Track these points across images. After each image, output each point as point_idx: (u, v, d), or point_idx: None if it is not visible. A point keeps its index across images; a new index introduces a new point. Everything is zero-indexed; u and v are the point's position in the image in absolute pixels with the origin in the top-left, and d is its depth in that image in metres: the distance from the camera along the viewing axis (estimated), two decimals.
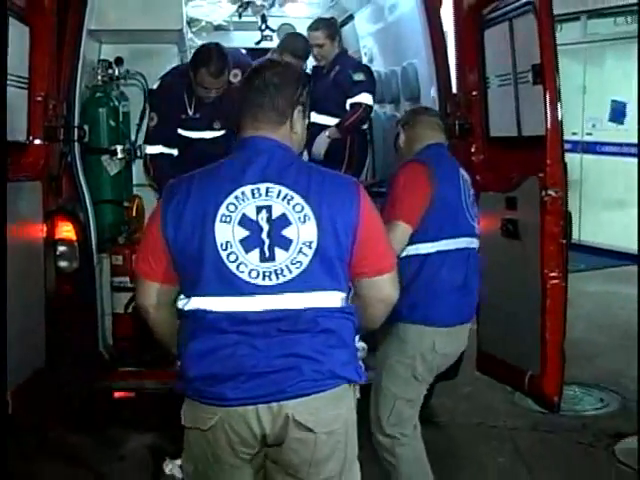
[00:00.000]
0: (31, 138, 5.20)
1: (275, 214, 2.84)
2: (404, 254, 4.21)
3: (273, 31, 8.09)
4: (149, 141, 6.18)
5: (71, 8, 5.47)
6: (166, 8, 6.28)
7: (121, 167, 6.24)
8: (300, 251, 2.83)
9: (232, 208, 2.84)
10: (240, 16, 8.24)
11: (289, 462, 2.89)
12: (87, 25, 5.63)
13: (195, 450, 2.96)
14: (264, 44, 8.08)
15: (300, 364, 2.83)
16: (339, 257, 2.89)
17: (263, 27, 8.12)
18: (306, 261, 2.84)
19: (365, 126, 7.11)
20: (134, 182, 6.57)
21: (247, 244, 2.83)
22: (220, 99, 6.00)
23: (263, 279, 2.82)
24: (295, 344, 2.84)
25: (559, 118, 4.60)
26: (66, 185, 5.44)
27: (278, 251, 2.83)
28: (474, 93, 5.63)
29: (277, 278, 2.83)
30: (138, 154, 6.37)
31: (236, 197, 2.85)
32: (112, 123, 6.21)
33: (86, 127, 5.71)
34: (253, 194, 2.85)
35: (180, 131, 6.21)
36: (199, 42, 8.11)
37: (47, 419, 5.53)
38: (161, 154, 6.14)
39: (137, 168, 6.49)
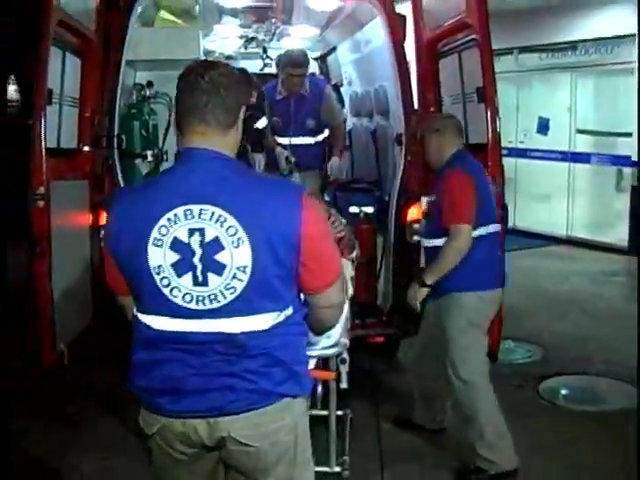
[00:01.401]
0: (81, 145, 5.21)
1: (208, 237, 2.25)
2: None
3: (272, 60, 8.07)
4: None
5: (112, 45, 5.45)
6: (186, 42, 6.28)
7: (151, 168, 6.23)
8: (234, 277, 2.26)
9: (164, 231, 2.26)
10: (246, 48, 8.25)
11: (237, 467, 2.46)
12: (125, 57, 5.60)
13: (151, 447, 2.51)
14: (266, 70, 8.07)
15: (235, 384, 2.32)
16: (280, 275, 2.31)
17: (264, 57, 8.11)
18: (240, 286, 2.27)
19: None
20: None
21: (179, 268, 2.27)
22: None
23: (197, 303, 2.29)
24: (230, 365, 2.31)
25: (498, 129, 4.61)
26: (108, 183, 5.40)
27: (211, 276, 2.27)
28: (432, 109, 5.63)
29: (211, 303, 2.29)
30: (164, 158, 6.36)
31: (168, 219, 2.25)
32: (144, 133, 6.23)
33: (123, 136, 5.69)
34: (186, 216, 2.25)
35: None
36: None
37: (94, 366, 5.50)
38: None
39: (164, 169, 6.47)
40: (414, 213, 5.50)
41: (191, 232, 2.26)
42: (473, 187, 4.18)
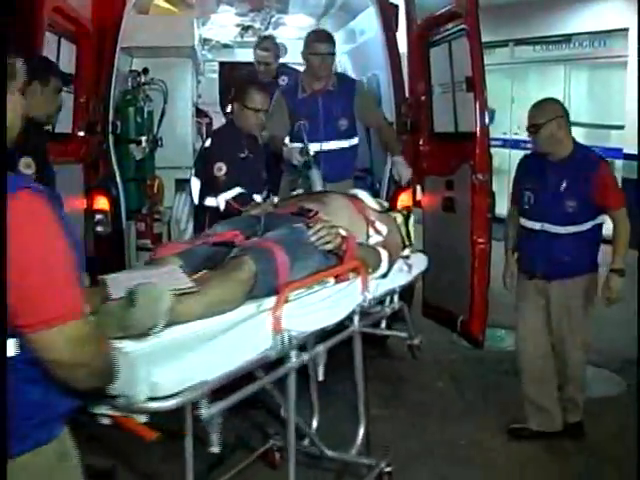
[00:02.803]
0: (75, 130, 5.20)
1: None
2: (593, 224, 4.33)
3: None
4: (224, 189, 4.51)
5: (108, 32, 5.45)
6: (181, 29, 6.27)
7: (145, 154, 6.20)
8: None
9: None
10: (242, 37, 8.19)
11: None
12: (120, 44, 5.59)
13: None
14: None
15: None
16: None
17: None
18: None
19: None
20: (156, 166, 6.51)
21: None
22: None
23: None
24: None
25: (485, 118, 4.61)
26: (102, 167, 5.43)
27: None
28: (422, 98, 5.63)
29: None
30: (159, 144, 6.35)
31: None
32: (138, 119, 6.18)
33: (118, 122, 5.68)
34: None
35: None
36: (210, 57, 8.13)
37: None
38: (240, 194, 4.55)
39: (158, 155, 6.46)
40: (404, 200, 5.51)
41: None
42: None
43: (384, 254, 3.58)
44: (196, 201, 4.70)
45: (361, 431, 3.94)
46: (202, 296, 2.62)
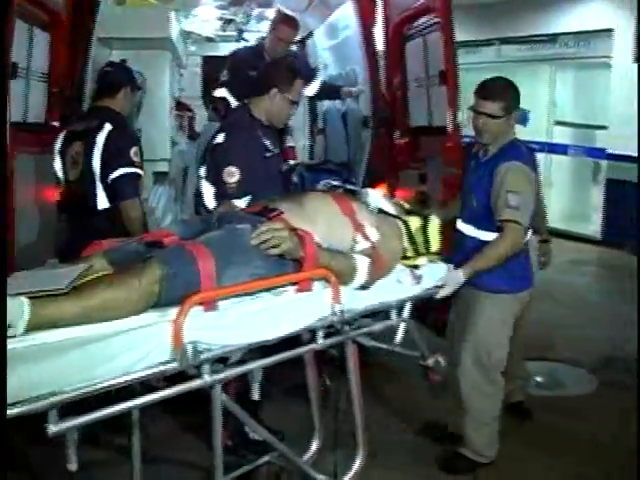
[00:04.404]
0: (49, 121, 5.15)
1: None
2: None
3: (248, 42, 8.02)
4: (231, 198, 3.80)
5: (83, 21, 5.41)
6: (156, 21, 6.23)
7: None
8: None
9: None
10: (224, 30, 8.19)
11: None
12: (96, 34, 5.57)
13: None
14: None
15: None
16: None
17: (239, 39, 8.05)
18: None
19: None
20: None
21: None
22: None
23: None
24: None
25: (457, 112, 4.56)
26: None
27: None
28: (398, 92, 5.62)
29: None
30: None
31: None
32: None
33: None
34: None
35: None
36: (193, 49, 8.12)
37: None
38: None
39: None
40: None
41: None
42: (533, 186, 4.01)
43: (362, 262, 3.08)
44: (210, 206, 3.93)
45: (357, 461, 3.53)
46: (79, 300, 2.35)
